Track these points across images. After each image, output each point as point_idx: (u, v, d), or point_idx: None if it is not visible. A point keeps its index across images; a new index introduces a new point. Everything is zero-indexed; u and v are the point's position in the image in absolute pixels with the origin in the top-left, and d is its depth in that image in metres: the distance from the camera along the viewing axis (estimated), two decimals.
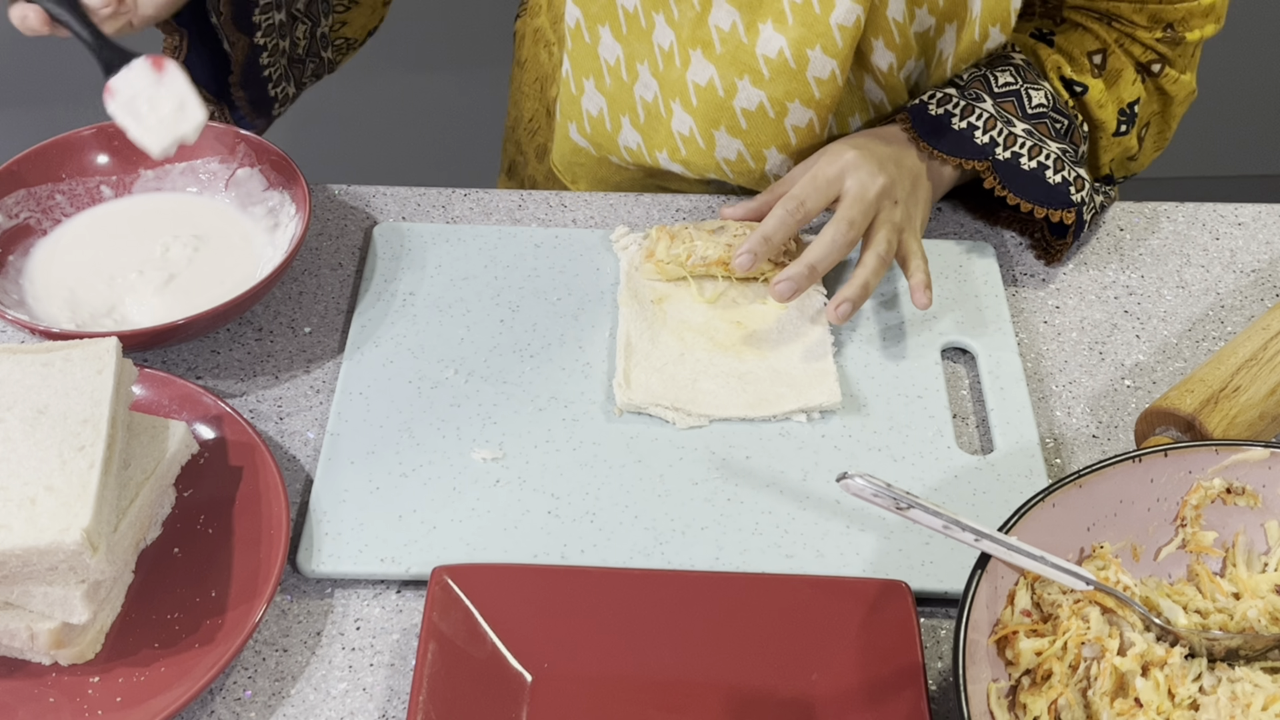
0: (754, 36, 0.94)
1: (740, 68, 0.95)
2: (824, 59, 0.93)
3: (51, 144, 0.95)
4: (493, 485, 0.81)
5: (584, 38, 1.00)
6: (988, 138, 0.95)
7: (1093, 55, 1.00)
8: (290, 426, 0.86)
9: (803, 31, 0.92)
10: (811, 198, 0.90)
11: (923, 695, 0.70)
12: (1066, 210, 0.95)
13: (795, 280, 0.88)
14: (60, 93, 1.93)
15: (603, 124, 1.04)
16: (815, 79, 0.94)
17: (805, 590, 0.75)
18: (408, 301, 0.93)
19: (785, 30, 0.93)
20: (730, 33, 0.94)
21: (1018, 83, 0.97)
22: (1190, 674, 0.69)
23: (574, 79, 1.03)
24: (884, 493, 0.67)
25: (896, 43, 0.95)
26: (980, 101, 0.96)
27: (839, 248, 0.89)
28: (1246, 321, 0.96)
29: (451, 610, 0.73)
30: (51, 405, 0.74)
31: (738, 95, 0.96)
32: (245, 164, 0.97)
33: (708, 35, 0.95)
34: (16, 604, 0.70)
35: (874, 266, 0.90)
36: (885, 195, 0.91)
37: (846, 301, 0.88)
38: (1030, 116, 0.96)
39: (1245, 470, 0.74)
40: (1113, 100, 1.00)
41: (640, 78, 0.99)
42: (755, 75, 0.95)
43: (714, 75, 0.96)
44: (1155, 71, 1.01)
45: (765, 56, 0.94)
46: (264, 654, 0.74)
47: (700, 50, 0.95)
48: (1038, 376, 0.91)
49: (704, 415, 0.85)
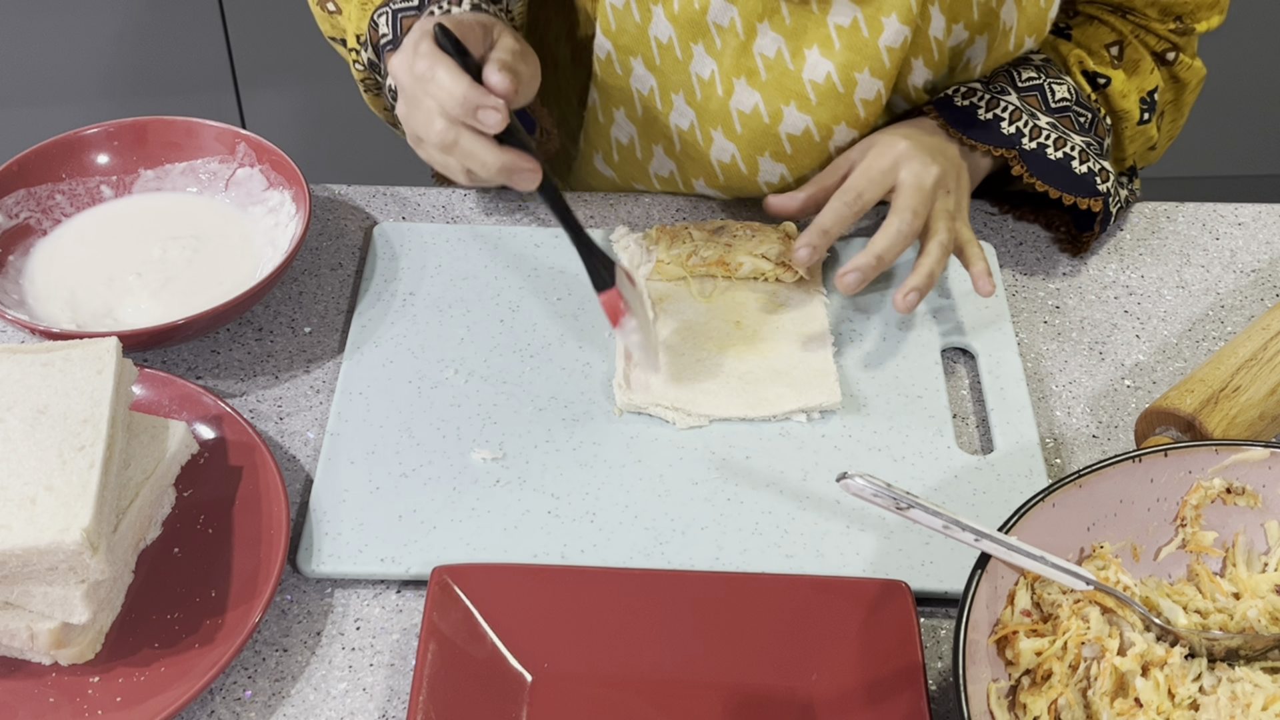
0: (800, 63, 0.94)
1: (786, 94, 0.95)
2: (871, 81, 0.94)
3: (51, 144, 0.95)
4: (493, 485, 0.81)
5: (615, 69, 0.99)
6: (1014, 128, 0.95)
7: (1110, 47, 1.01)
8: (290, 426, 0.86)
9: (850, 56, 0.93)
10: (868, 190, 0.90)
11: (923, 695, 0.70)
12: (1094, 199, 0.95)
13: (863, 270, 0.88)
14: (60, 93, 1.93)
15: (633, 152, 1.03)
16: (861, 100, 0.95)
17: (805, 590, 0.75)
18: (408, 301, 0.93)
19: (832, 55, 0.93)
20: (776, 59, 0.94)
21: (1040, 78, 0.98)
22: (1190, 674, 0.69)
23: (601, 108, 1.02)
24: (884, 493, 0.67)
25: (935, 60, 0.96)
26: (1005, 95, 0.97)
27: (905, 237, 0.89)
28: (1246, 321, 0.96)
29: (451, 610, 0.73)
30: (51, 405, 0.74)
31: (783, 121, 0.96)
32: (245, 164, 0.97)
33: (752, 63, 0.95)
34: (16, 604, 0.70)
35: (938, 255, 0.90)
36: (940, 185, 0.91)
37: (914, 291, 0.88)
38: (1054, 110, 0.97)
39: (1245, 470, 0.74)
40: (1135, 90, 1.01)
41: (675, 107, 0.99)
42: (802, 100, 0.95)
43: (759, 102, 0.96)
44: (1170, 60, 1.03)
45: (813, 82, 0.94)
46: (264, 654, 0.74)
47: (745, 78, 0.95)
48: (1038, 376, 0.91)
49: (704, 415, 0.85)
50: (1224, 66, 2.18)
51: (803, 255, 0.90)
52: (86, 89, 1.93)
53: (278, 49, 1.93)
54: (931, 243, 0.90)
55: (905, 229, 0.89)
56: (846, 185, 0.91)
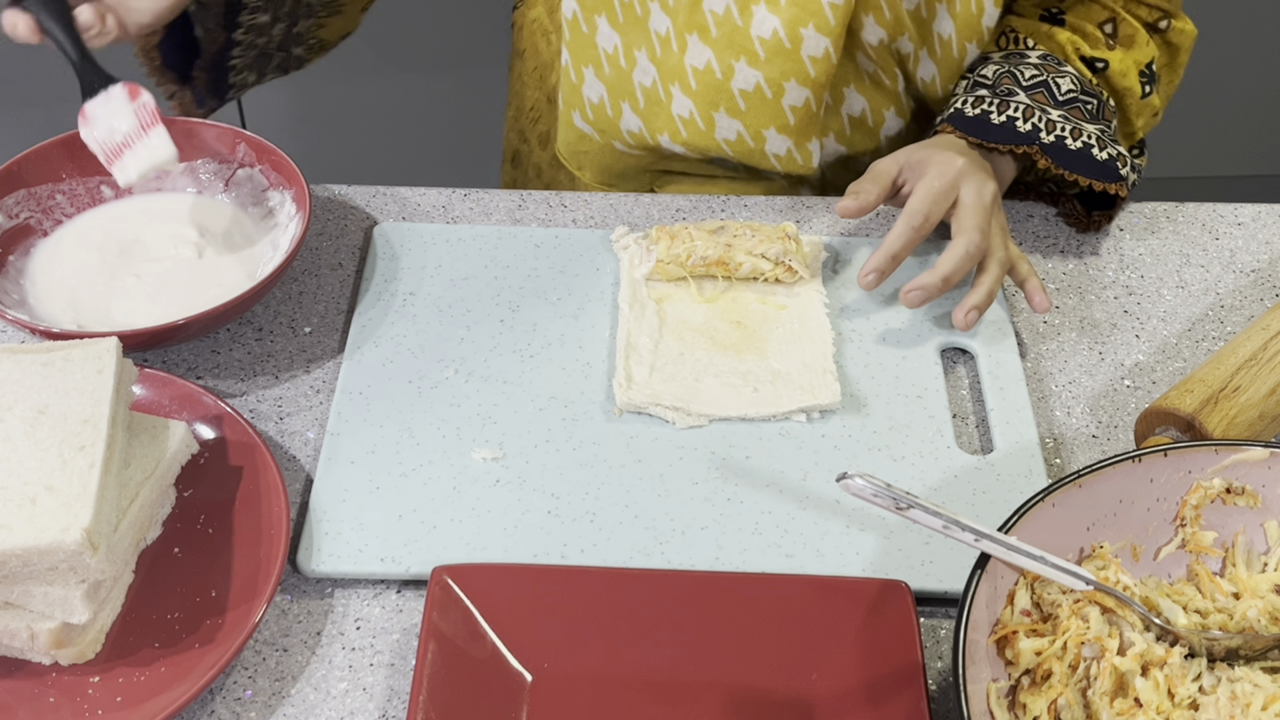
0: (748, 19, 0.96)
1: (736, 50, 0.97)
2: (817, 37, 0.96)
3: (51, 144, 0.95)
4: (493, 485, 0.81)
5: (581, 28, 1.02)
6: (1029, 125, 0.96)
7: (1104, 25, 1.03)
8: (290, 426, 0.86)
9: (795, 11, 0.95)
10: (934, 211, 0.91)
11: (923, 695, 0.70)
12: (1120, 184, 0.97)
13: (927, 290, 0.90)
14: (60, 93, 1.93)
15: (604, 110, 1.06)
16: (810, 57, 0.97)
17: (805, 590, 0.75)
18: (408, 301, 0.93)
19: (778, 11, 0.95)
20: (725, 16, 0.97)
21: (1044, 74, 0.99)
22: (1190, 674, 0.69)
23: (574, 68, 1.05)
24: (884, 493, 0.67)
25: (886, 19, 0.98)
26: (1013, 95, 0.98)
27: (971, 258, 0.90)
28: (1246, 321, 0.96)
29: (451, 610, 0.73)
30: (52, 405, 0.74)
31: (735, 77, 0.99)
32: (245, 164, 0.97)
33: (703, 20, 0.97)
34: (16, 604, 0.70)
35: (998, 274, 0.91)
36: (995, 201, 0.93)
37: (975, 309, 0.90)
38: (1062, 103, 0.98)
39: (1245, 470, 0.74)
40: (1133, 66, 1.03)
41: (639, 64, 1.02)
42: (751, 56, 0.97)
43: (711, 58, 0.98)
44: (1163, 28, 1.05)
45: (760, 37, 0.96)
46: (264, 654, 0.74)
47: (696, 34, 0.98)
48: (1038, 376, 0.91)
49: (704, 415, 0.85)
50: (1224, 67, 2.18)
51: (871, 281, 0.91)
52: None
53: None
54: (992, 261, 0.91)
55: (972, 250, 0.90)
56: (912, 208, 0.91)
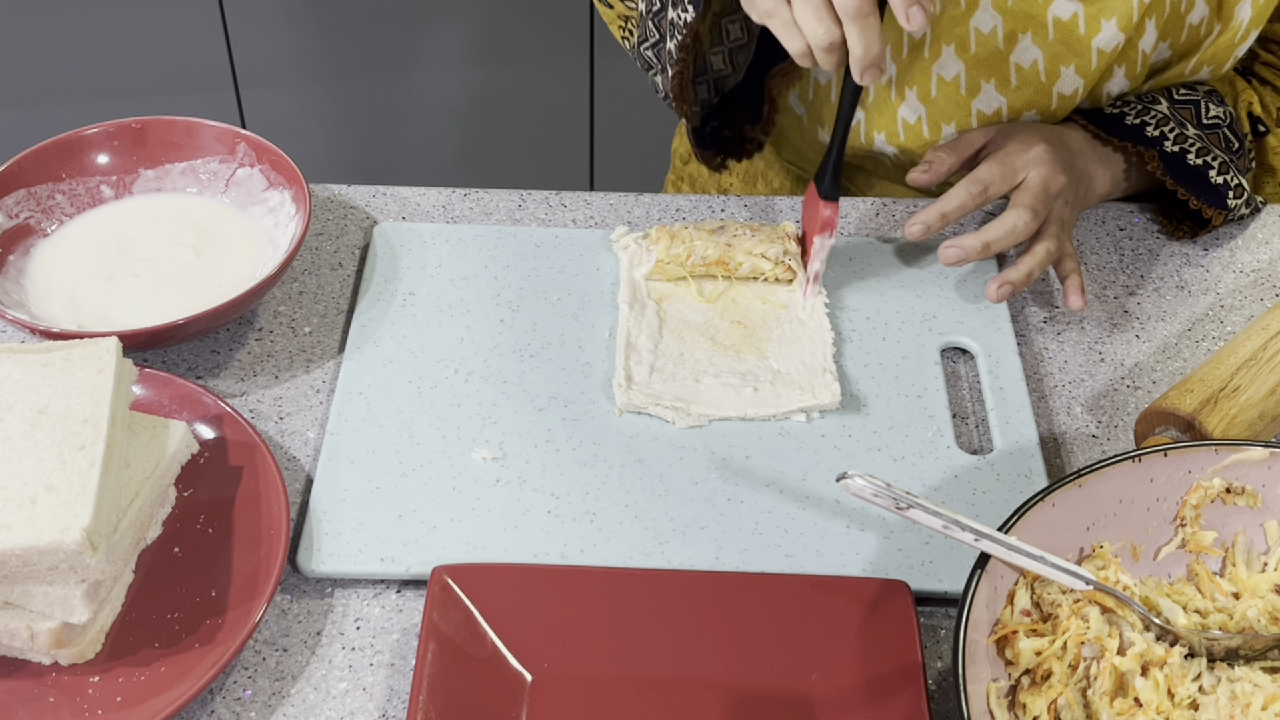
0: (1011, 45, 0.95)
1: (990, 72, 0.97)
2: (1074, 77, 0.95)
3: (51, 144, 0.95)
4: (493, 485, 0.81)
5: None
6: (1159, 132, 0.96)
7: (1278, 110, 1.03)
8: (290, 426, 0.86)
9: (1061, 49, 0.94)
10: (996, 184, 0.92)
11: (923, 695, 0.70)
12: (1220, 213, 0.97)
13: (966, 251, 0.90)
14: (60, 93, 1.93)
15: (827, 96, 1.05)
16: (1059, 93, 0.96)
17: (805, 590, 0.75)
18: (408, 301, 0.93)
19: (1044, 45, 0.94)
20: (989, 36, 0.95)
21: (1199, 96, 0.99)
22: (1190, 674, 0.69)
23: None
24: (884, 493, 0.67)
25: (1136, 72, 0.97)
26: (1156, 105, 0.98)
27: (1018, 234, 0.90)
28: (1246, 321, 0.96)
29: (451, 610, 0.73)
30: (52, 405, 0.74)
31: (980, 96, 0.98)
32: (245, 164, 0.97)
33: (965, 34, 0.96)
34: (16, 604, 0.70)
35: (1042, 258, 0.91)
36: (1063, 193, 0.93)
37: (1008, 284, 0.90)
38: (1205, 126, 0.98)
39: (1245, 470, 0.74)
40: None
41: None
42: (1002, 81, 0.97)
43: (961, 73, 0.97)
44: None
45: (1018, 65, 0.96)
46: (264, 654, 0.75)
47: (954, 47, 0.97)
48: (1038, 376, 0.91)
49: (704, 415, 0.85)
50: None
51: (916, 231, 0.91)
52: (86, 89, 1.93)
53: (278, 49, 1.93)
54: (1040, 245, 0.91)
55: (1021, 226, 0.90)
56: (975, 175, 0.92)
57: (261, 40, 1.91)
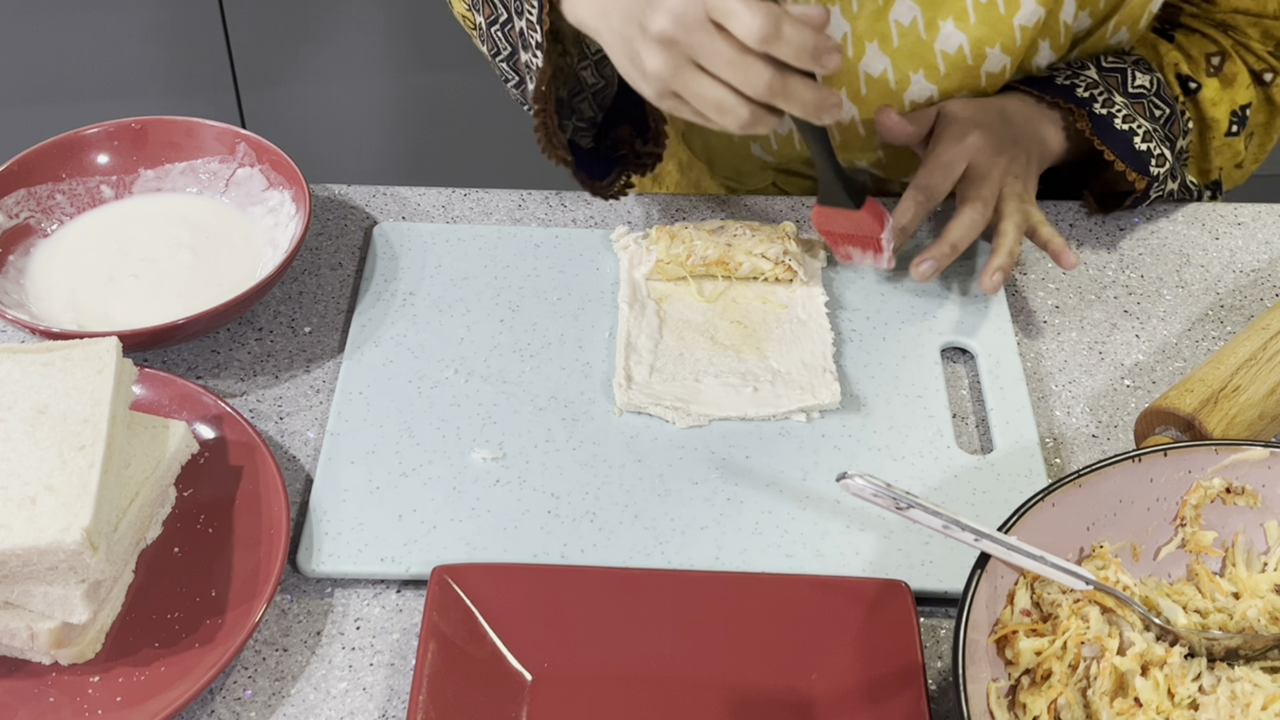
0: (934, 33, 0.96)
1: (917, 62, 0.97)
2: (1000, 56, 0.96)
3: (51, 144, 0.95)
4: (493, 485, 0.81)
5: None
6: (1088, 94, 0.97)
7: (1211, 57, 1.03)
8: (290, 426, 0.86)
9: (985, 30, 0.95)
10: (938, 185, 0.93)
11: (923, 695, 0.70)
12: (1141, 177, 0.97)
13: (938, 259, 0.91)
14: (60, 93, 1.93)
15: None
16: (987, 73, 0.97)
17: (805, 590, 0.75)
18: (408, 301, 0.93)
19: (967, 29, 0.95)
20: (910, 27, 0.96)
21: (1125, 64, 1.00)
22: (1190, 674, 0.69)
23: None
24: (884, 493, 0.67)
25: (1060, 43, 0.98)
26: (1085, 70, 0.99)
27: (978, 227, 0.92)
28: (1246, 321, 0.96)
29: (451, 610, 0.73)
30: (52, 405, 0.74)
31: (910, 88, 0.98)
32: (245, 164, 0.97)
33: (886, 29, 0.97)
34: (16, 604, 0.70)
35: (1015, 235, 0.92)
36: (1007, 173, 0.93)
37: (999, 270, 0.90)
38: (1130, 95, 0.99)
39: (1245, 470, 0.74)
40: (1226, 100, 1.03)
41: None
42: (930, 70, 0.97)
43: (888, 67, 0.98)
44: (1267, 81, 1.04)
45: (944, 52, 0.96)
46: (264, 654, 0.74)
47: (877, 43, 0.97)
48: (1038, 376, 0.91)
49: (704, 415, 0.85)
50: None
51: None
52: (86, 89, 1.93)
53: (278, 49, 1.93)
54: (1006, 224, 0.92)
55: (977, 218, 0.91)
56: (917, 183, 0.93)
57: (261, 40, 1.91)
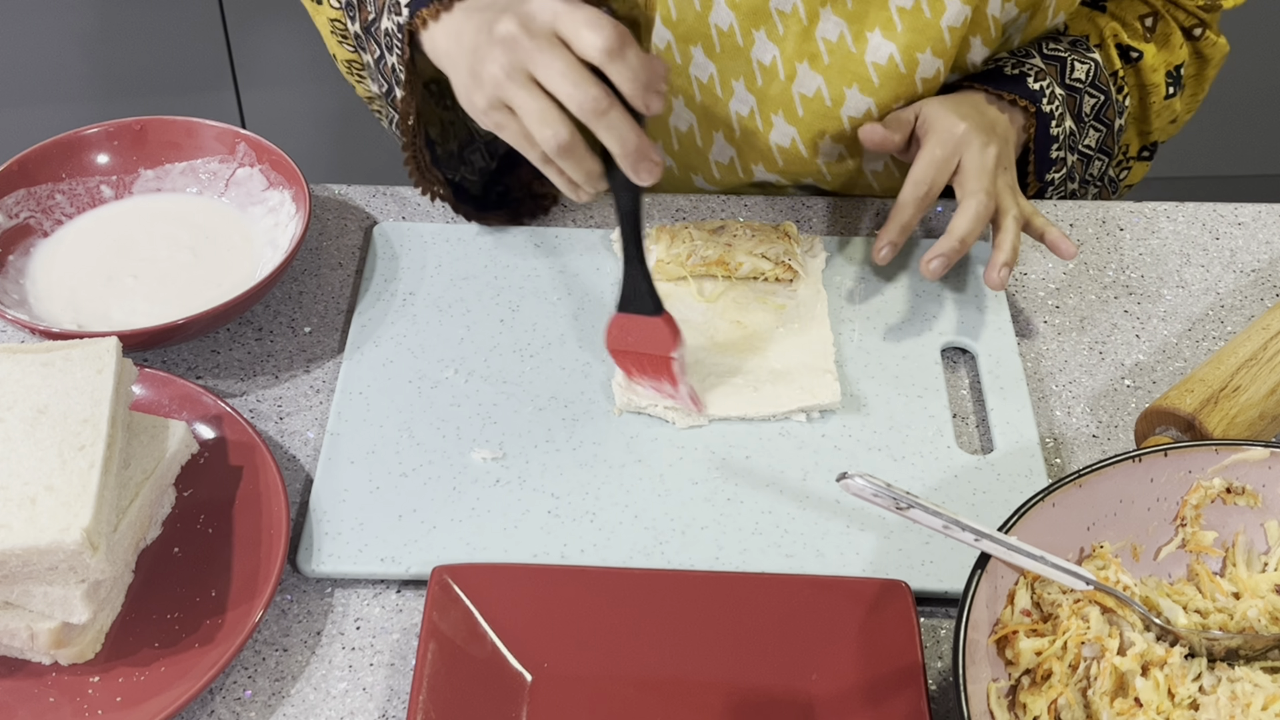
0: (862, 45, 0.96)
1: (849, 76, 0.97)
2: (932, 60, 0.96)
3: (51, 144, 0.95)
4: (493, 485, 0.81)
5: (675, 59, 0.99)
6: (1038, 85, 0.98)
7: (1144, 19, 1.04)
8: (290, 426, 0.86)
9: (913, 37, 0.95)
10: (937, 179, 0.92)
11: (923, 695, 0.70)
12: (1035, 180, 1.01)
13: (948, 256, 0.90)
14: (60, 93, 1.93)
15: (693, 140, 1.04)
16: (922, 79, 0.97)
17: (805, 590, 0.75)
18: (408, 301, 0.93)
19: (894, 37, 0.95)
20: (838, 43, 0.96)
21: (1066, 53, 1.00)
22: (1190, 674, 0.69)
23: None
24: (884, 493, 0.67)
25: (992, 37, 0.98)
26: (1030, 58, 1.00)
27: (982, 220, 0.91)
28: (1246, 321, 0.96)
29: (451, 610, 0.73)
30: (52, 405, 0.74)
31: (846, 104, 0.98)
32: (245, 164, 0.97)
33: (815, 48, 0.97)
34: (16, 604, 0.70)
35: (1015, 229, 0.91)
36: (999, 163, 0.93)
37: (1005, 266, 0.90)
38: (1066, 86, 0.99)
39: (1245, 470, 0.74)
40: (1163, 64, 1.04)
41: (736, 94, 1.00)
42: (864, 83, 0.97)
43: (821, 85, 0.98)
44: (1196, 35, 1.06)
45: (875, 64, 0.96)
46: (264, 654, 0.74)
47: (807, 63, 0.97)
48: (1038, 376, 0.91)
49: (704, 415, 0.85)
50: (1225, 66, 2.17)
51: (885, 255, 0.92)
52: (87, 89, 1.93)
53: (278, 49, 1.93)
54: (1007, 219, 0.92)
55: (983, 211, 0.91)
56: (915, 178, 0.92)
57: (261, 40, 1.91)
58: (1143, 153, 1.10)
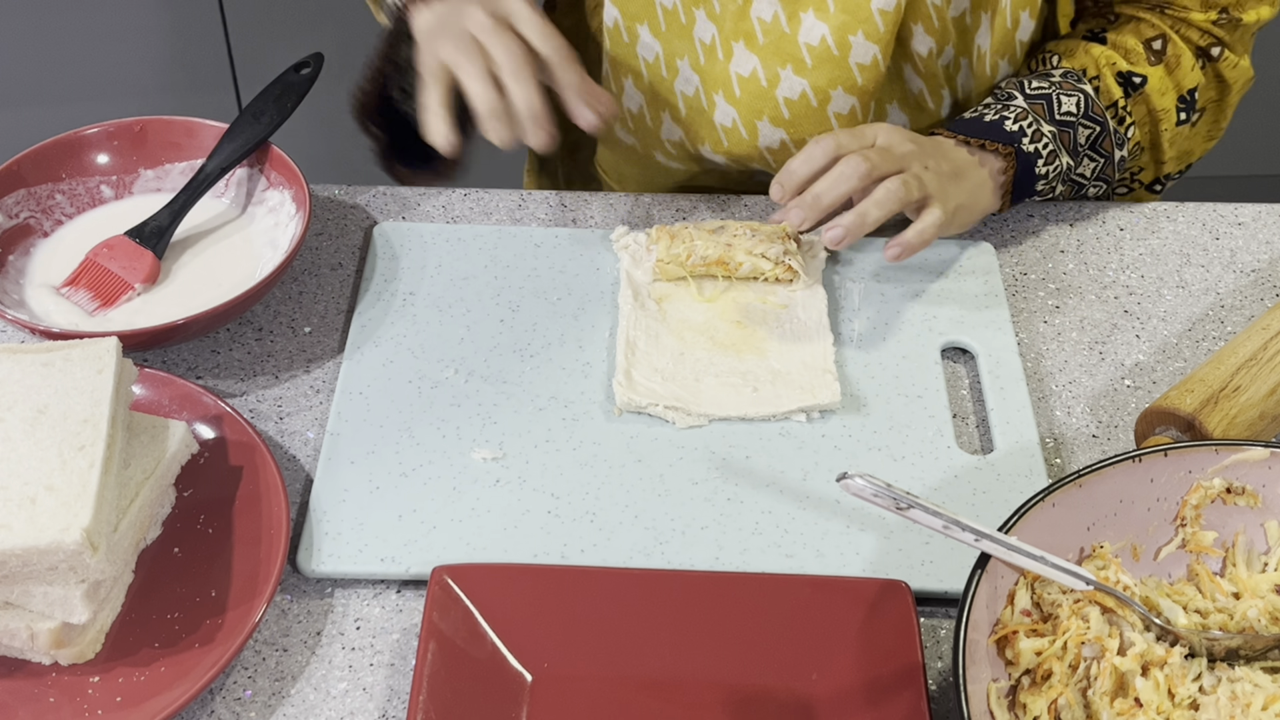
0: (795, 25, 0.96)
1: (783, 57, 0.97)
2: (866, 44, 0.96)
3: (51, 144, 0.95)
4: (493, 485, 0.81)
5: (622, 37, 1.01)
6: (1017, 126, 0.96)
7: (1151, 42, 1.00)
8: (290, 426, 0.86)
9: (845, 18, 0.95)
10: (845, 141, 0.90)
11: (923, 695, 0.70)
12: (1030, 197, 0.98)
13: (846, 227, 0.88)
14: (60, 93, 1.93)
15: (644, 120, 1.05)
16: (858, 65, 0.97)
17: (805, 590, 0.75)
18: (408, 301, 0.93)
19: (827, 18, 0.95)
20: (772, 23, 0.96)
21: (1051, 89, 0.98)
22: (1190, 674, 0.69)
23: (613, 78, 1.05)
24: (884, 493, 0.67)
25: (935, 28, 0.98)
26: (1012, 100, 0.98)
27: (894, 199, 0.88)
28: (1246, 321, 0.96)
29: (451, 610, 0.73)
30: (52, 405, 0.74)
31: (780, 85, 0.98)
32: (245, 164, 0.97)
33: (750, 27, 0.97)
34: (16, 604, 0.70)
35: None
36: (913, 157, 0.91)
37: (898, 245, 0.89)
38: (1057, 121, 0.97)
39: (1245, 470, 0.74)
40: (1172, 88, 1.01)
41: (681, 73, 1.01)
42: (798, 64, 0.97)
43: (757, 65, 0.98)
44: (1214, 56, 1.02)
45: (808, 44, 0.96)
46: (264, 654, 0.74)
47: (743, 42, 0.98)
48: (1038, 376, 0.91)
49: (704, 415, 0.85)
50: None
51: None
52: (86, 89, 1.92)
53: (278, 49, 1.93)
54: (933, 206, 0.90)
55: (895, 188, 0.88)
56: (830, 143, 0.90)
57: (261, 40, 1.91)
58: (1154, 185, 1.07)
